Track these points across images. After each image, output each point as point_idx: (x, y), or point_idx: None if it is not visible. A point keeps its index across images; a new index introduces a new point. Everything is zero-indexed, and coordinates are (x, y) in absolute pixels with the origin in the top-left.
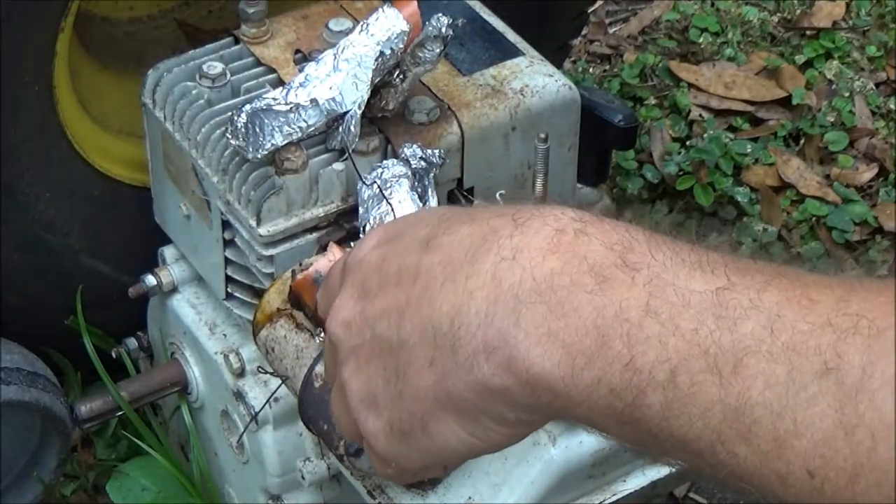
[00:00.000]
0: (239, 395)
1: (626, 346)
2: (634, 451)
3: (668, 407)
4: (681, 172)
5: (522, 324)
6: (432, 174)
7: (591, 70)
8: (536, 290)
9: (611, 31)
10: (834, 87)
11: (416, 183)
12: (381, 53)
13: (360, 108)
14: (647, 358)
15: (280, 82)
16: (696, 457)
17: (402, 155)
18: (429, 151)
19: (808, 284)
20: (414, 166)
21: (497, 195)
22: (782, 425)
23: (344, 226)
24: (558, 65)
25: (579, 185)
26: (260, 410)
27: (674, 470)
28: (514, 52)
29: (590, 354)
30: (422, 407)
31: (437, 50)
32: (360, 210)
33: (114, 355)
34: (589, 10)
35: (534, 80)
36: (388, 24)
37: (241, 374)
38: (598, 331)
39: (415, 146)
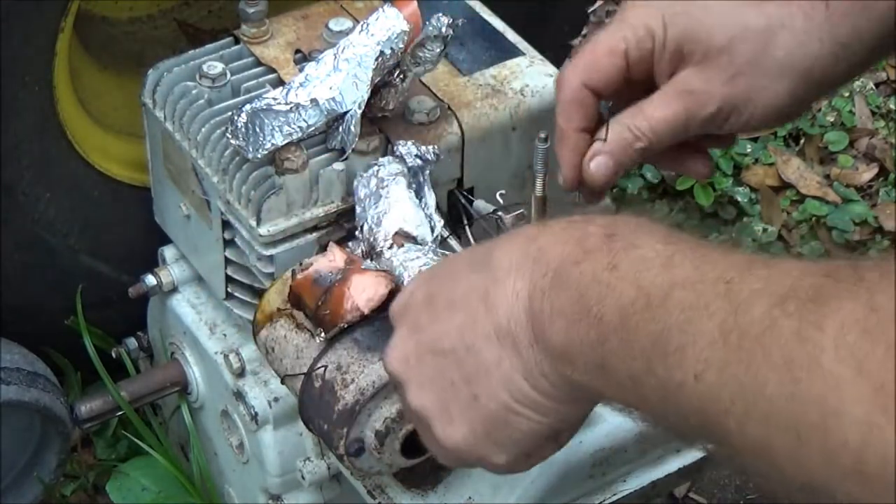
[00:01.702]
0: (239, 395)
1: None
2: (622, 411)
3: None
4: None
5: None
6: (427, 171)
7: None
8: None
9: None
10: None
11: (412, 180)
12: (381, 53)
13: (360, 108)
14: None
15: (280, 82)
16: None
17: (398, 152)
18: (423, 148)
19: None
20: (409, 163)
21: (497, 195)
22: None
23: (344, 226)
24: (558, 65)
25: None
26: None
27: (673, 470)
28: (514, 52)
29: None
30: (499, 403)
31: (437, 50)
32: (357, 209)
33: (114, 355)
34: (589, 10)
35: (534, 80)
36: (388, 24)
37: (241, 374)
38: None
39: (409, 143)
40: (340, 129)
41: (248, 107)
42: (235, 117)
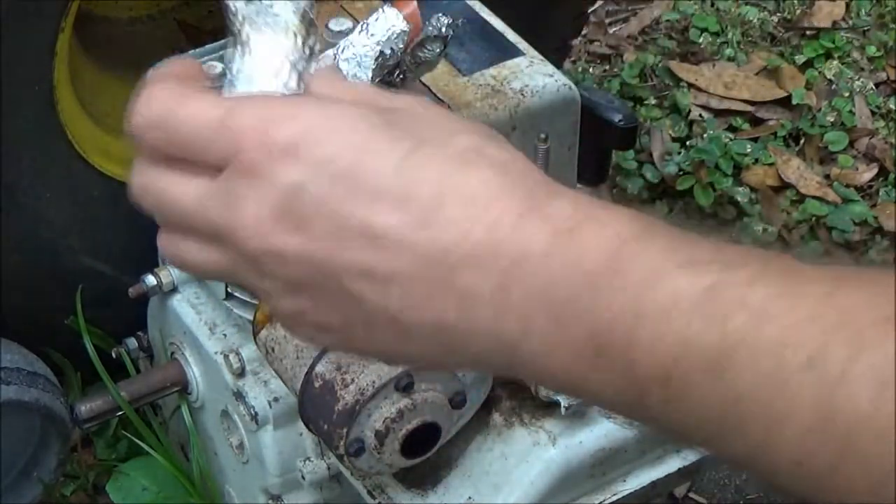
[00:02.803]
0: (239, 395)
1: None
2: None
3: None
4: (681, 172)
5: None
6: None
7: (591, 70)
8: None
9: (611, 31)
10: (834, 87)
11: None
12: (381, 53)
13: None
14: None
15: None
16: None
17: None
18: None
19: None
20: None
21: None
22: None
23: None
24: (558, 65)
25: (579, 185)
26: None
27: (673, 470)
28: (514, 52)
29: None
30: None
31: (437, 50)
32: None
33: (114, 355)
34: (589, 10)
35: (534, 80)
36: (388, 24)
37: (241, 374)
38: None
39: None
40: None
41: None
42: None
